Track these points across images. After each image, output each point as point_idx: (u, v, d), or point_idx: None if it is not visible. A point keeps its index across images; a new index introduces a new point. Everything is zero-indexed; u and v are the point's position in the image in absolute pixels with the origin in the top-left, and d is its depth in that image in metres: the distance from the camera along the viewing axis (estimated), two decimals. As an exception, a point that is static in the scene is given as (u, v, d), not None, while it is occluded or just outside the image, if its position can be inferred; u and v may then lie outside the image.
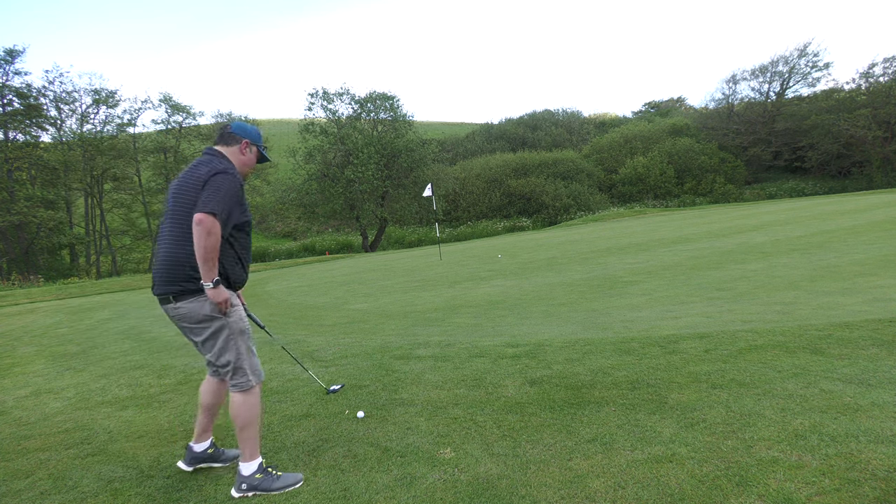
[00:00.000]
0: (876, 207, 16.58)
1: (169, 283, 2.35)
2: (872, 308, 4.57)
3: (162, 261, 2.38)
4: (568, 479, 2.15)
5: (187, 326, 2.42)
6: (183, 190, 2.36)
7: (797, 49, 37.98)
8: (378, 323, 6.45)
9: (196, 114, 32.49)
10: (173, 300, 2.36)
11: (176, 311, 2.39)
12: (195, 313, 2.36)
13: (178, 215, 2.34)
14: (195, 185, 2.32)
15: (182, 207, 2.33)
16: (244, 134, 2.55)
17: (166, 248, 2.37)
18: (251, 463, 2.37)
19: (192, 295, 2.35)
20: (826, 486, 1.90)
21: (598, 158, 40.40)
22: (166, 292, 2.37)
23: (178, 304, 2.36)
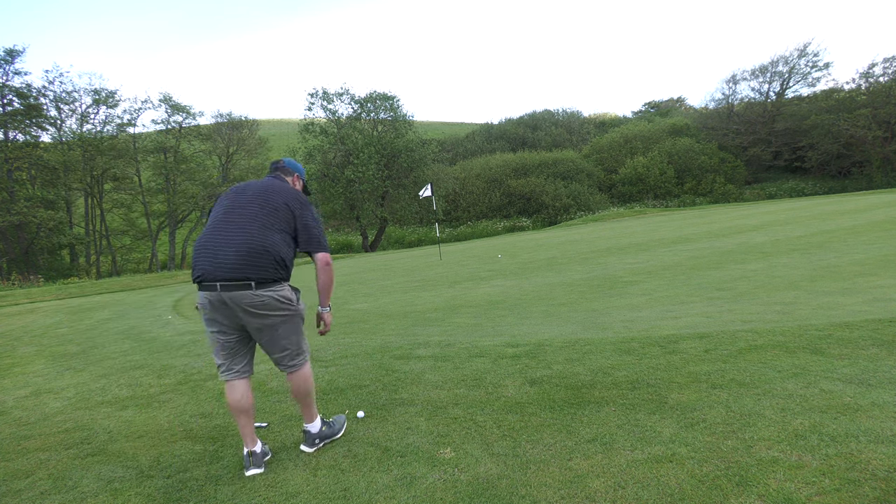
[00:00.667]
0: (876, 207, 16.58)
1: (252, 268, 2.39)
2: (872, 308, 4.57)
3: (242, 246, 2.41)
4: (568, 479, 2.16)
5: (260, 314, 2.46)
6: (275, 193, 2.58)
7: (797, 49, 38.02)
8: (378, 323, 6.45)
9: (196, 114, 32.49)
10: (255, 287, 2.39)
11: (255, 299, 2.41)
12: (275, 300, 2.46)
13: (267, 211, 2.51)
14: (288, 197, 2.59)
15: (271, 206, 2.53)
16: (295, 168, 2.91)
17: (249, 235, 2.42)
18: (316, 422, 2.73)
19: (275, 284, 2.46)
20: (826, 486, 1.90)
21: (598, 158, 40.40)
22: (246, 277, 2.38)
23: (259, 290, 2.41)
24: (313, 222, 2.59)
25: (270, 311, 2.46)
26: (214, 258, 2.42)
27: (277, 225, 2.49)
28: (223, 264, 2.40)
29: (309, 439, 2.71)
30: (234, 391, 2.60)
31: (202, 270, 2.44)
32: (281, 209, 2.52)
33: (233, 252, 2.40)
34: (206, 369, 4.62)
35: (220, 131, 34.51)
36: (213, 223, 2.54)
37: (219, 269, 2.40)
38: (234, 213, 2.50)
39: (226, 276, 2.38)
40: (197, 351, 5.47)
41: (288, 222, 2.53)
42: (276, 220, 2.49)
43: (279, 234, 2.48)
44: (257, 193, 2.56)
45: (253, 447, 2.55)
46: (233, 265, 2.39)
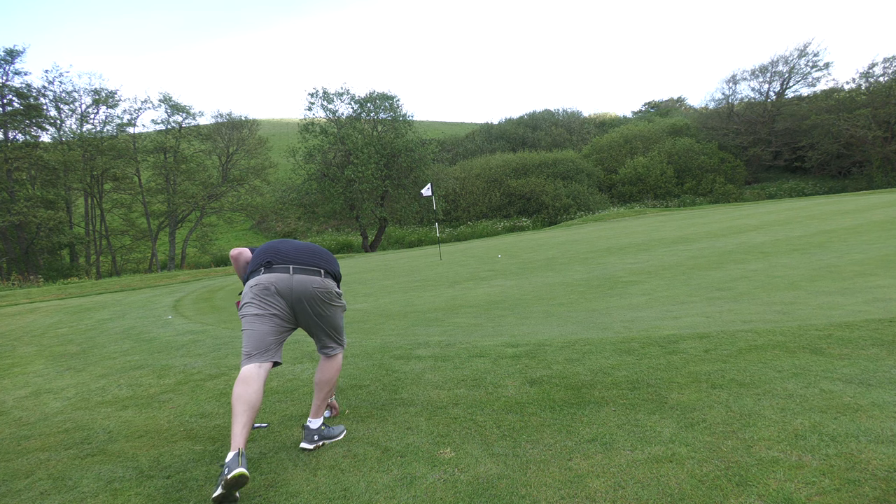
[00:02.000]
0: (876, 207, 16.58)
1: (321, 260, 2.78)
2: (872, 308, 4.57)
3: (310, 247, 2.85)
4: (568, 479, 2.15)
5: (321, 298, 2.73)
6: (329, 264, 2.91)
7: (797, 49, 38.06)
8: (378, 323, 6.45)
9: (196, 114, 32.50)
10: (323, 276, 2.74)
11: (322, 284, 2.73)
12: (332, 289, 2.80)
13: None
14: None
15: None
16: None
17: (314, 246, 2.89)
18: (318, 419, 2.79)
19: (334, 279, 2.84)
20: (826, 486, 1.90)
21: (597, 158, 40.40)
22: (320, 266, 2.76)
23: (326, 279, 2.76)
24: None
25: (331, 298, 2.77)
26: (285, 251, 2.75)
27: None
28: (294, 254, 2.74)
29: (308, 435, 2.73)
30: (245, 383, 2.52)
31: (272, 257, 2.72)
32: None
33: (302, 249, 2.80)
34: (206, 369, 4.62)
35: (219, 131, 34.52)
36: (270, 243, 2.86)
37: (290, 257, 2.72)
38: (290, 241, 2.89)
39: (309, 261, 2.73)
40: (197, 351, 5.47)
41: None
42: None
43: None
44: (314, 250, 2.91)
45: (244, 448, 2.39)
46: (303, 255, 2.76)
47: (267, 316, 2.64)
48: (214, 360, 4.91)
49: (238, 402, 2.46)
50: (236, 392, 2.49)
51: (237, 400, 2.46)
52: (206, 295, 13.20)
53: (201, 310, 9.87)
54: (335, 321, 2.86)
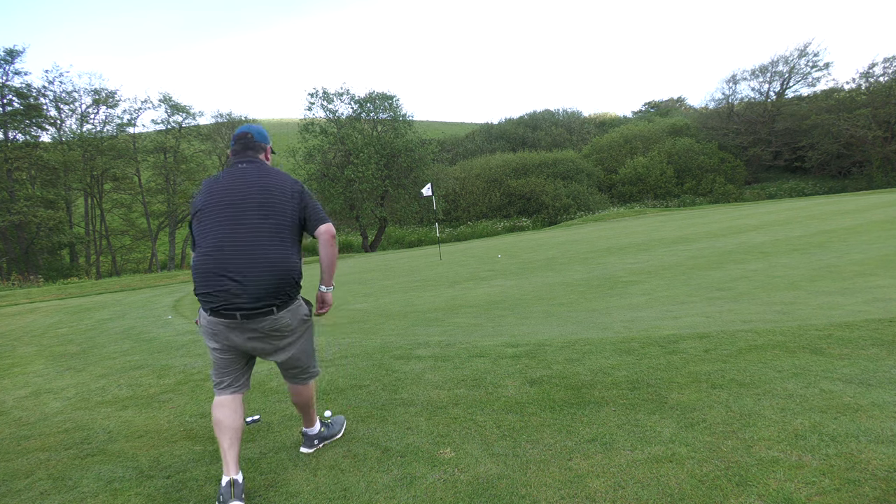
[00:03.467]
0: (876, 207, 16.58)
1: (276, 294, 2.27)
2: (872, 308, 4.57)
3: (265, 271, 2.22)
4: (568, 479, 2.15)
5: (278, 335, 2.37)
6: (273, 189, 2.34)
7: (797, 49, 38.01)
8: (378, 323, 6.45)
9: (196, 114, 32.54)
10: (276, 311, 2.29)
11: (276, 323, 2.32)
12: (294, 317, 2.40)
13: (276, 219, 2.30)
14: (285, 194, 2.36)
15: (279, 210, 2.32)
16: (265, 140, 2.58)
17: (269, 256, 2.24)
18: (315, 425, 2.74)
19: (293, 301, 2.38)
20: (826, 486, 1.90)
21: (598, 158, 40.38)
22: (270, 305, 2.27)
23: (281, 313, 2.32)
24: (314, 200, 2.46)
25: (290, 332, 2.40)
26: (232, 284, 2.21)
27: (289, 230, 2.32)
28: (244, 292, 2.21)
29: (308, 440, 2.70)
30: (223, 407, 2.39)
31: (219, 299, 2.23)
32: (287, 207, 2.33)
33: (254, 277, 2.21)
34: (206, 369, 4.62)
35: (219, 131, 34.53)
36: (216, 237, 2.27)
37: (239, 296, 2.21)
38: (243, 227, 2.26)
39: (248, 305, 2.22)
40: (197, 351, 5.47)
41: (295, 219, 2.35)
42: (286, 224, 2.31)
43: (293, 243, 2.35)
44: (257, 196, 2.31)
45: (235, 475, 2.25)
46: (255, 293, 2.22)
47: (226, 349, 2.37)
48: (214, 360, 4.91)
49: (218, 427, 2.35)
50: (215, 417, 2.37)
51: (217, 426, 2.35)
52: (206, 295, 13.17)
53: (201, 310, 9.86)
54: (301, 350, 2.51)
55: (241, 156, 2.46)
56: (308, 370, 2.59)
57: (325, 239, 2.40)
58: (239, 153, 2.48)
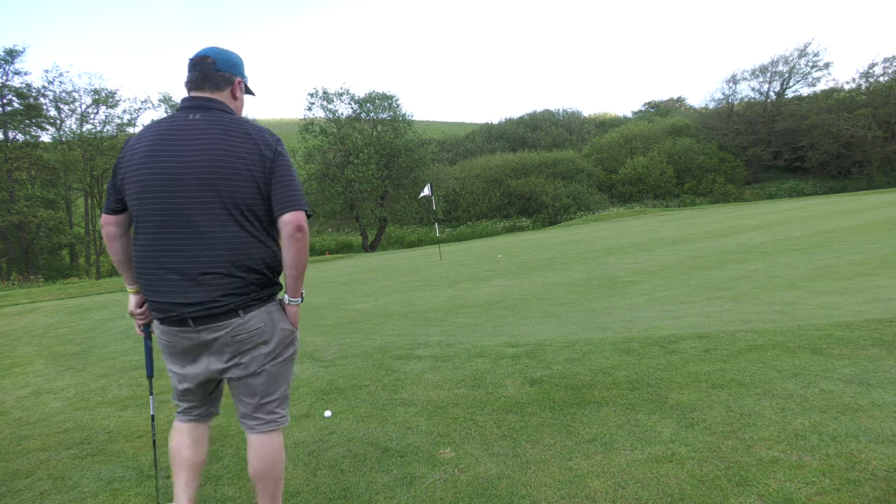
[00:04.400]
0: (876, 207, 16.58)
1: (238, 289, 1.70)
2: (872, 308, 4.56)
3: (220, 259, 1.67)
4: (568, 479, 2.16)
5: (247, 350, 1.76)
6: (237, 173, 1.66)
7: (797, 49, 37.98)
8: (378, 323, 6.45)
9: (196, 114, 32.45)
10: (242, 314, 1.72)
11: (242, 329, 1.73)
12: (271, 325, 1.78)
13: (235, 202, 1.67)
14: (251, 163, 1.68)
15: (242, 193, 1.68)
16: (235, 70, 1.83)
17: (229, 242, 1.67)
18: None
19: (263, 303, 1.77)
20: (826, 486, 1.90)
21: (597, 158, 40.38)
22: (232, 305, 1.69)
23: (247, 316, 1.73)
24: (290, 172, 1.75)
25: (261, 340, 1.77)
26: (179, 281, 1.68)
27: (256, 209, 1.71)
28: (196, 289, 1.67)
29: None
30: (182, 435, 1.94)
31: (163, 303, 1.72)
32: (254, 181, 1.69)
33: (205, 269, 1.67)
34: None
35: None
36: (157, 221, 1.68)
37: (189, 296, 1.67)
38: (192, 204, 1.65)
39: (201, 311, 1.68)
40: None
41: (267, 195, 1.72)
42: (253, 203, 1.70)
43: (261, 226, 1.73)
44: (208, 172, 1.65)
45: None
46: (211, 290, 1.67)
47: (184, 368, 1.86)
48: (214, 360, 4.91)
49: (173, 459, 1.96)
50: (171, 446, 1.97)
51: (173, 457, 1.96)
52: (206, 295, 13.18)
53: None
54: (276, 371, 1.83)
55: (193, 100, 1.75)
56: (274, 407, 1.85)
57: (289, 231, 1.70)
58: (193, 91, 1.78)
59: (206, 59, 1.79)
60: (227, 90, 1.81)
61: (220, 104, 1.77)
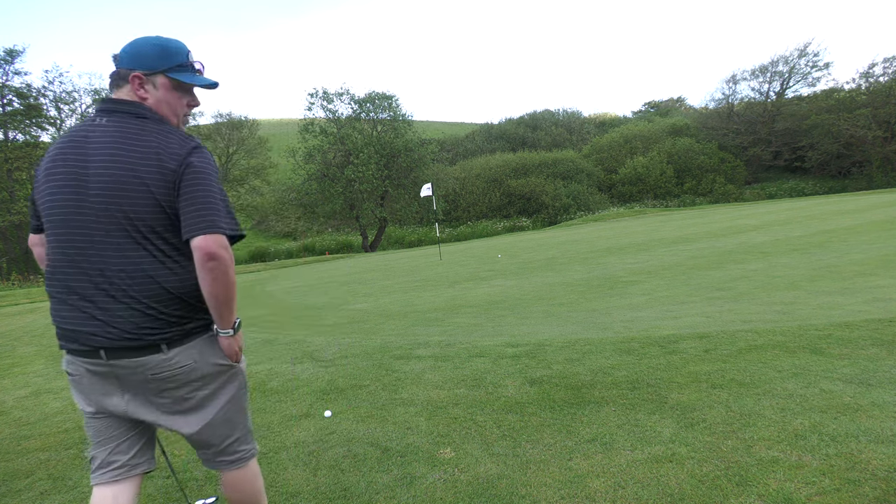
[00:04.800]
0: (876, 207, 16.58)
1: (157, 320, 1.48)
2: (872, 308, 4.56)
3: (131, 290, 1.46)
4: (568, 479, 2.16)
5: (172, 388, 1.54)
6: (134, 184, 1.45)
7: (797, 49, 37.98)
8: (378, 323, 6.45)
9: (195, 114, 32.47)
10: (166, 349, 1.51)
11: (166, 367, 1.51)
12: (202, 360, 1.57)
13: (141, 220, 1.46)
14: (153, 173, 1.45)
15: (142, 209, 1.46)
16: (136, 62, 1.54)
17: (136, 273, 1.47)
18: None
19: (190, 338, 1.55)
20: (826, 486, 1.90)
21: (597, 158, 40.39)
22: (150, 339, 1.48)
23: (172, 352, 1.51)
24: (202, 186, 1.47)
25: (192, 378, 1.56)
26: (89, 308, 1.47)
27: (159, 225, 1.48)
28: (108, 320, 1.46)
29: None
30: (107, 500, 1.58)
31: (71, 331, 1.50)
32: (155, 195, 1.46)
33: (119, 297, 1.46)
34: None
35: (219, 131, 34.52)
36: (63, 241, 1.49)
37: (101, 327, 1.46)
38: (95, 225, 1.46)
39: (115, 342, 1.47)
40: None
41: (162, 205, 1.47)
42: (157, 222, 1.47)
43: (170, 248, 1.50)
44: (105, 182, 1.45)
45: None
46: (122, 321, 1.46)
47: (100, 408, 1.58)
48: (214, 360, 4.91)
49: None
50: None
51: None
52: (206, 295, 13.17)
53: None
54: (225, 412, 1.64)
55: (104, 103, 1.57)
56: (235, 448, 1.68)
57: (198, 259, 1.45)
58: (112, 91, 1.59)
59: (116, 55, 1.57)
60: (128, 87, 1.56)
61: (130, 106, 1.53)
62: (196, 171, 1.48)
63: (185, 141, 1.52)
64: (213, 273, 1.47)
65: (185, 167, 1.47)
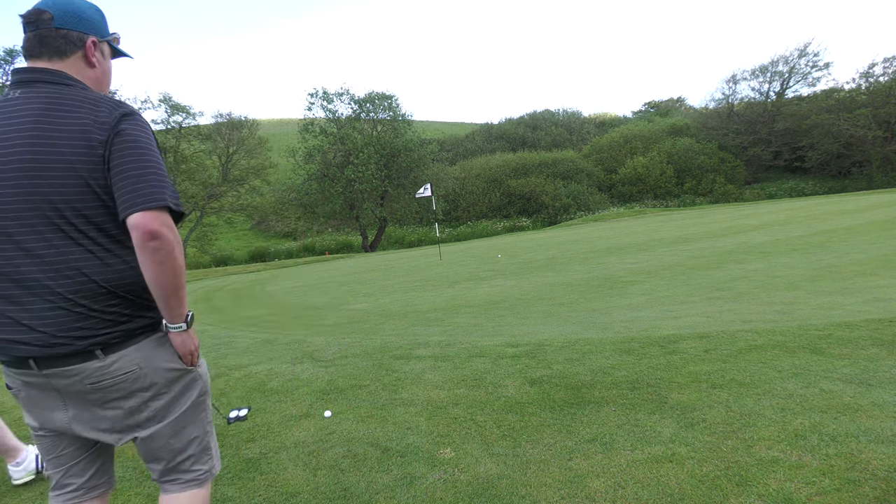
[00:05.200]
0: (876, 207, 16.58)
1: (87, 326, 1.29)
2: (872, 308, 4.56)
3: (56, 287, 1.28)
4: (568, 479, 2.16)
5: (119, 398, 1.37)
6: (60, 161, 1.26)
7: (797, 49, 38.04)
8: (378, 323, 6.45)
9: (196, 114, 32.48)
10: (102, 354, 1.32)
11: (105, 375, 1.33)
12: (148, 365, 1.38)
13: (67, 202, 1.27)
14: (80, 148, 1.26)
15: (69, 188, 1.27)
16: (86, 26, 1.38)
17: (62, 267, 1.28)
18: None
19: (134, 339, 1.36)
20: (826, 486, 1.90)
21: (597, 158, 40.42)
22: (83, 344, 1.29)
23: (110, 357, 1.32)
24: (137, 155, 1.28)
25: (140, 387, 1.38)
26: (11, 313, 1.30)
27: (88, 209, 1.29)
28: (33, 324, 1.28)
29: None
30: None
31: None
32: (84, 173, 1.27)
33: (44, 296, 1.28)
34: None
35: (220, 131, 34.51)
36: None
37: (27, 333, 1.29)
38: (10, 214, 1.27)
39: (44, 349, 1.29)
40: (197, 351, 5.47)
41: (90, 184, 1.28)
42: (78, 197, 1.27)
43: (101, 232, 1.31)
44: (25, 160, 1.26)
45: None
46: (49, 325, 1.28)
47: (45, 428, 1.44)
48: (214, 360, 4.91)
49: None
50: None
51: None
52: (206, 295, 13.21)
53: (201, 310, 9.88)
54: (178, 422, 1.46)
55: (21, 73, 1.35)
56: (189, 466, 1.50)
57: (138, 239, 1.27)
58: (30, 59, 1.37)
59: (43, 14, 1.33)
60: (77, 55, 1.36)
61: (59, 76, 1.33)
62: (128, 140, 1.28)
63: (116, 108, 1.31)
64: (157, 255, 1.27)
65: (114, 135, 1.27)
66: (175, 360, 1.45)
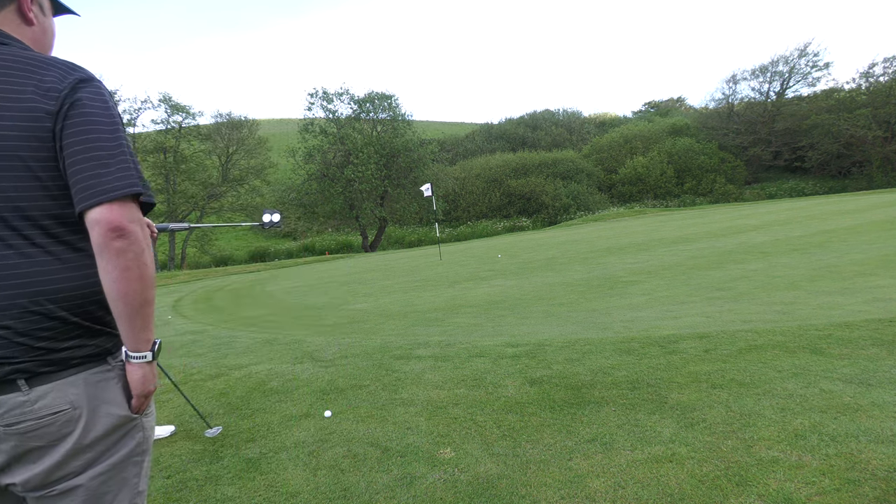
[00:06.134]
0: (876, 207, 16.58)
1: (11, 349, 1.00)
2: (872, 308, 4.56)
3: None
4: (568, 479, 2.15)
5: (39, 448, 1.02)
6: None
7: (797, 49, 38.07)
8: (378, 323, 6.45)
9: (196, 114, 32.52)
10: (25, 385, 1.01)
11: (26, 414, 1.01)
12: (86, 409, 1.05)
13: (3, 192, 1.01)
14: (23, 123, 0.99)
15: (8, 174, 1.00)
16: None
17: None
18: None
19: (75, 369, 1.06)
20: (826, 486, 1.90)
21: (597, 158, 40.43)
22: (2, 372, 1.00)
23: (35, 391, 1.01)
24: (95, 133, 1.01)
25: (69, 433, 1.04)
26: None
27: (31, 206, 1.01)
28: None
29: None
30: None
31: None
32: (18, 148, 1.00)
33: None
34: (205, 369, 4.62)
35: (219, 131, 34.54)
36: None
37: None
38: None
39: None
40: (197, 351, 5.47)
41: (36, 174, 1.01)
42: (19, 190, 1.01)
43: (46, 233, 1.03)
44: None
45: None
46: None
47: None
48: (214, 360, 4.91)
49: None
50: None
51: None
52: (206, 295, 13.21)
53: (201, 310, 9.89)
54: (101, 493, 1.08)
55: None
56: None
57: (98, 237, 1.00)
58: None
59: None
60: (10, 9, 1.11)
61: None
62: (87, 112, 1.01)
63: (70, 71, 1.04)
64: (122, 259, 0.99)
65: (68, 106, 1.00)
66: (123, 405, 1.10)
